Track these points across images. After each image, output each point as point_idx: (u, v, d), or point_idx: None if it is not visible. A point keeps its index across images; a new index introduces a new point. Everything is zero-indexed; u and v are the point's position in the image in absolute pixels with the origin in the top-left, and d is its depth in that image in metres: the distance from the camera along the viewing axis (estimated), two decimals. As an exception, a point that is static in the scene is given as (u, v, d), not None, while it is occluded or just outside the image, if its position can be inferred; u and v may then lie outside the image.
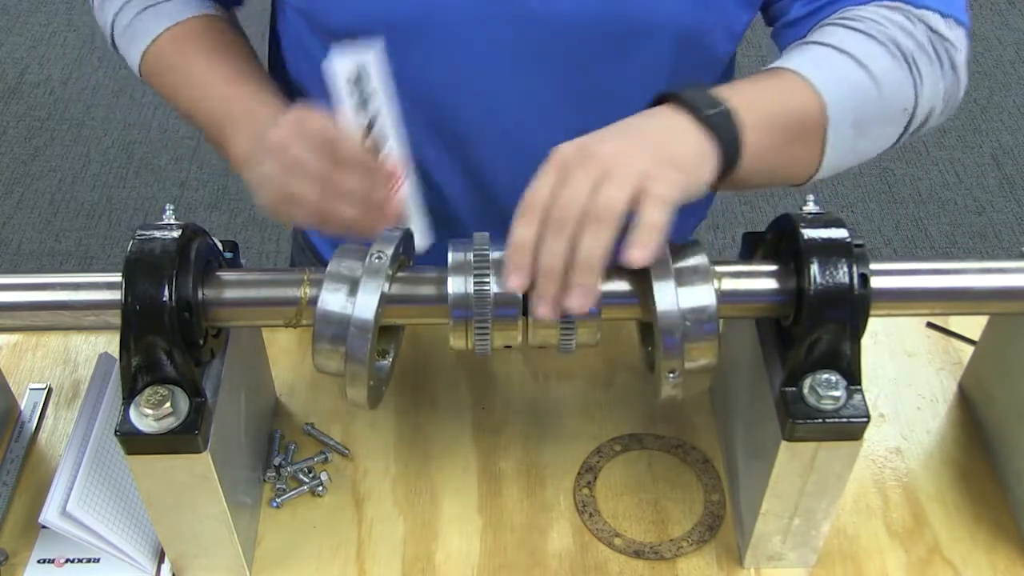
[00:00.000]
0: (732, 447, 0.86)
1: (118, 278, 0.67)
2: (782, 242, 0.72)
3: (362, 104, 0.79)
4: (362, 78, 0.79)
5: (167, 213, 0.73)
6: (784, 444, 0.69)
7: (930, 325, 1.00)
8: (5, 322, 0.72)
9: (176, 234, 0.68)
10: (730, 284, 0.70)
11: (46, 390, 0.93)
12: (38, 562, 0.81)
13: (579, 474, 0.87)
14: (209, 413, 0.70)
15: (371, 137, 0.80)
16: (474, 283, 0.67)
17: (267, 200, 0.76)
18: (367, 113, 0.79)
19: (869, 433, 0.71)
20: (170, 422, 0.67)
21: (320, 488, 0.86)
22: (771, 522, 0.76)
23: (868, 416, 0.68)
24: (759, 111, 0.71)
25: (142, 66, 0.92)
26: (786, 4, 0.84)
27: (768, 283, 0.70)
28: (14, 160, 2.49)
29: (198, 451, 0.69)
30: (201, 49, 0.90)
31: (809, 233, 0.68)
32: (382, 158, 0.80)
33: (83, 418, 0.83)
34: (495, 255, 0.68)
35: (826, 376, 0.68)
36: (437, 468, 0.88)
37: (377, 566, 0.81)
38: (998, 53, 2.80)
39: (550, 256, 0.63)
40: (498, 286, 0.67)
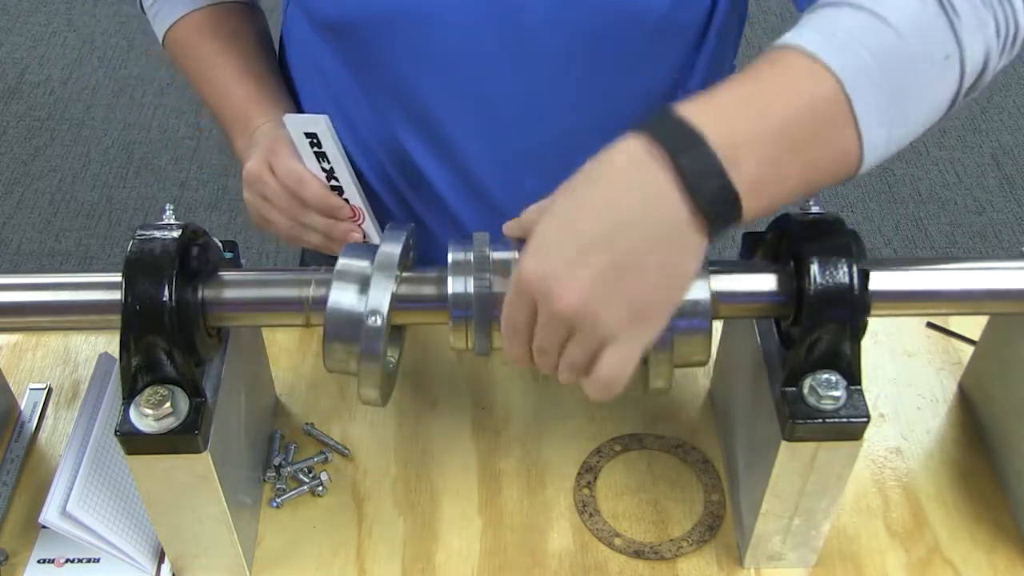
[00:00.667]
0: (732, 447, 0.86)
1: (118, 278, 0.67)
2: (782, 242, 0.72)
3: (321, 156, 0.85)
4: (315, 141, 0.84)
5: (167, 213, 0.73)
6: (784, 444, 0.69)
7: (930, 325, 1.00)
8: (5, 322, 0.72)
9: (176, 234, 0.68)
10: (730, 284, 0.70)
11: (46, 390, 0.93)
12: (38, 562, 0.81)
13: (579, 474, 0.87)
14: (209, 413, 0.70)
15: (333, 179, 0.87)
16: (474, 283, 0.67)
17: (250, 217, 0.91)
18: (328, 162, 0.86)
19: (869, 433, 0.71)
20: (170, 422, 0.67)
21: (320, 488, 0.86)
22: (771, 522, 0.76)
23: (868, 416, 0.68)
24: (757, 136, 0.59)
25: (165, 47, 0.98)
26: None
27: (768, 283, 0.70)
28: (14, 160, 2.49)
29: (198, 451, 0.69)
30: (215, 39, 0.94)
31: (809, 233, 0.68)
32: (343, 199, 0.88)
33: (83, 418, 0.83)
34: (495, 255, 0.68)
35: (826, 376, 0.68)
36: (437, 468, 0.88)
37: (377, 566, 0.81)
38: (998, 53, 2.79)
39: (543, 361, 0.63)
40: (498, 286, 0.67)
